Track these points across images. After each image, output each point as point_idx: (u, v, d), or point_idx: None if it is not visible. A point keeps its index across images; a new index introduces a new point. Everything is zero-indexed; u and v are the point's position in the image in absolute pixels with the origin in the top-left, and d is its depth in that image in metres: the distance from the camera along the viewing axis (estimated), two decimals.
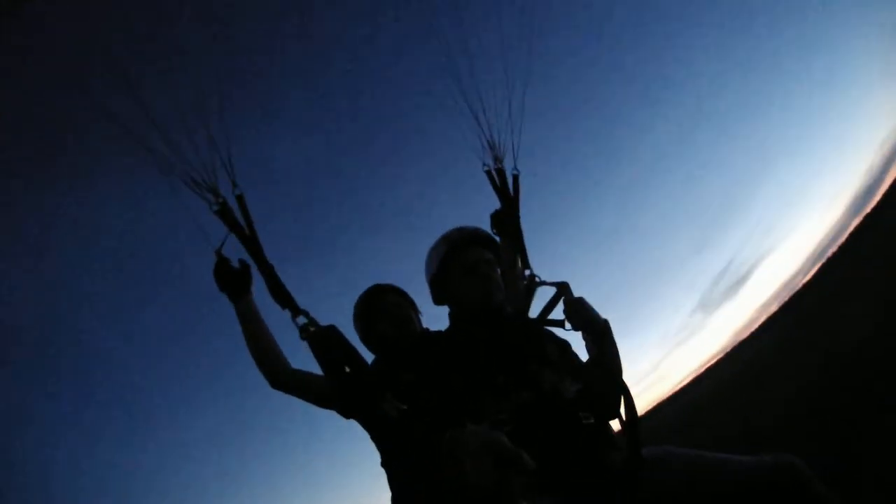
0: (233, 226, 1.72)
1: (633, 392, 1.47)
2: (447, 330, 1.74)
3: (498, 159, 2.16)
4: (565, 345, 1.69)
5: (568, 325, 1.67)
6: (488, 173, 2.17)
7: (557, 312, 1.73)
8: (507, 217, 2.10)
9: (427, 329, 2.11)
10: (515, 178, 2.16)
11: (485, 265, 1.65)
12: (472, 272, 1.64)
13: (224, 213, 1.71)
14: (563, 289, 1.74)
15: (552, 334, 1.71)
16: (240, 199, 1.74)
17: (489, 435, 0.99)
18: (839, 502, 1.17)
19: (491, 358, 1.48)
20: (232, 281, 1.74)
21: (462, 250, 1.68)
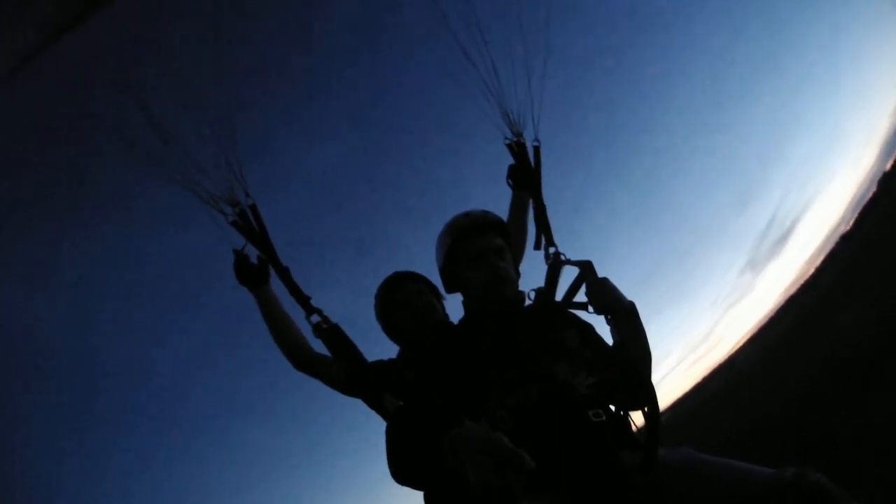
0: (248, 234, 1.79)
1: (656, 386, 1.38)
2: (460, 321, 1.72)
3: (517, 132, 2.08)
4: (588, 328, 1.62)
5: (591, 308, 1.59)
6: (509, 146, 2.10)
7: (583, 294, 1.63)
8: (525, 177, 2.05)
9: (446, 319, 2.09)
10: (536, 149, 2.08)
11: (492, 254, 1.60)
12: (479, 262, 1.59)
13: (240, 223, 1.78)
14: (585, 269, 1.65)
15: (574, 317, 1.65)
16: (253, 208, 1.80)
17: (490, 435, 0.99)
18: None
19: (498, 351, 1.44)
20: (250, 274, 1.84)
21: (469, 238, 1.63)
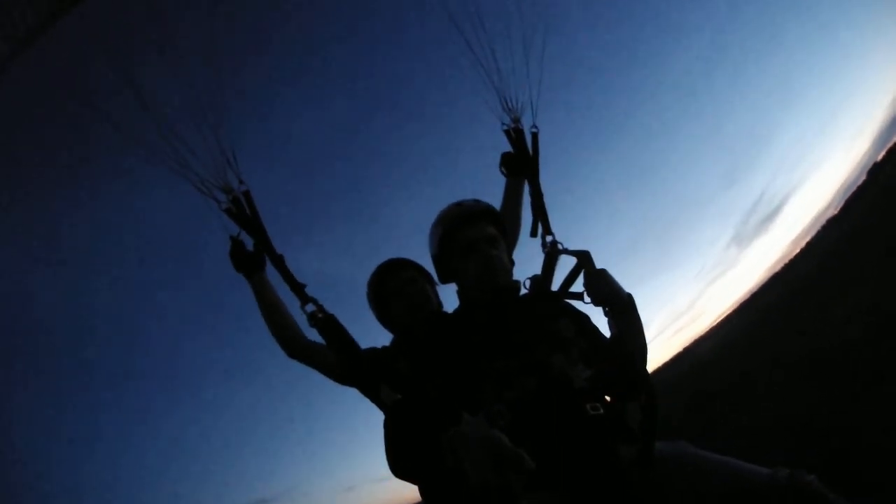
0: (242, 221, 1.76)
1: (650, 367, 1.43)
2: (455, 311, 1.70)
3: (515, 118, 2.04)
4: (584, 319, 1.59)
5: (587, 299, 1.58)
6: (507, 132, 2.06)
7: (580, 285, 1.62)
8: (522, 164, 2.02)
9: (440, 308, 2.07)
10: (534, 135, 2.04)
11: (485, 243, 1.58)
12: (472, 251, 1.58)
13: (233, 210, 1.75)
14: (583, 259, 1.63)
15: (570, 307, 1.63)
16: (247, 194, 1.77)
17: (489, 434, 0.98)
18: None
19: (492, 342, 1.43)
20: (246, 262, 1.81)
21: (461, 228, 1.61)
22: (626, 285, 1.58)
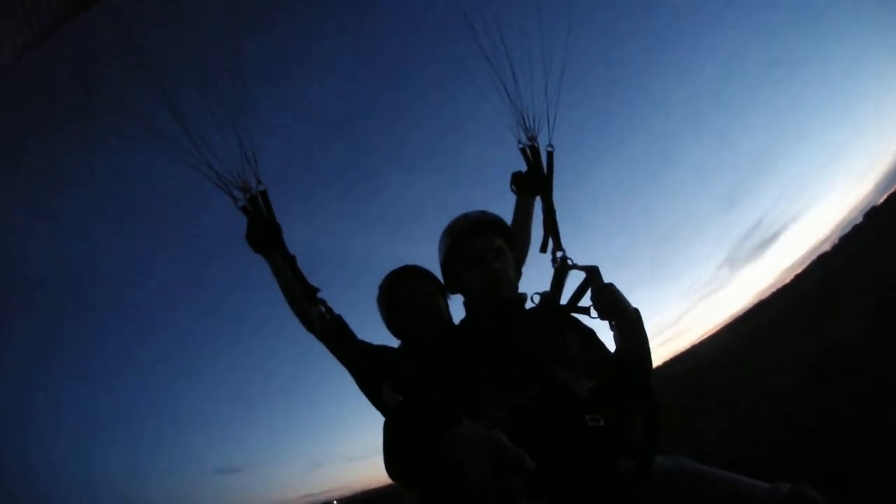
0: (258, 221, 1.78)
1: (654, 376, 1.40)
2: (461, 321, 1.72)
3: (532, 136, 2.08)
4: (590, 334, 1.61)
5: (594, 313, 1.57)
6: (522, 151, 2.10)
7: (588, 300, 1.61)
8: (536, 182, 2.05)
9: (449, 318, 2.08)
10: (550, 154, 2.08)
11: (490, 255, 1.60)
12: (478, 263, 1.60)
13: (250, 209, 1.78)
14: (591, 274, 1.62)
15: (577, 322, 1.65)
16: (263, 194, 1.79)
17: (490, 435, 0.99)
18: None
19: (495, 352, 1.44)
20: (263, 241, 1.81)
21: (468, 240, 1.63)
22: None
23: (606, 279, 1.58)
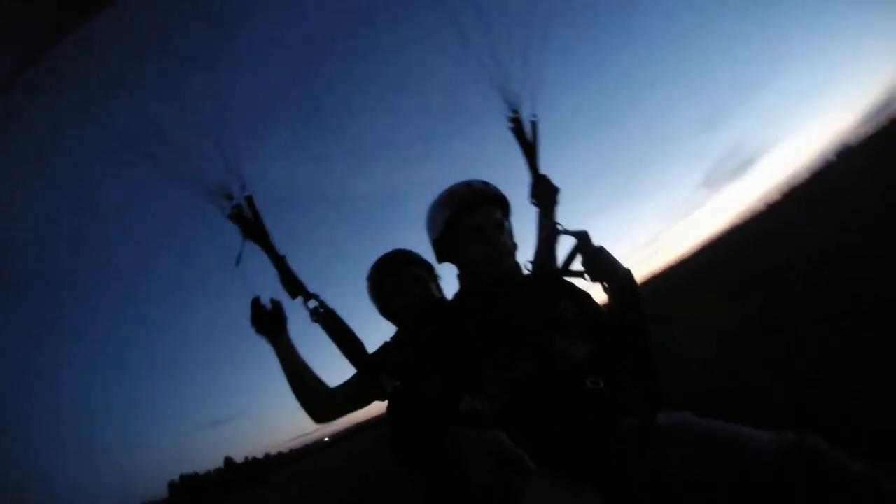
0: (246, 226, 1.78)
1: (650, 338, 1.43)
2: (454, 296, 1.73)
3: (514, 109, 2.18)
4: (584, 297, 1.64)
5: (587, 277, 1.60)
6: (511, 121, 2.21)
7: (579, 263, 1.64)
8: (542, 187, 2.13)
9: (442, 298, 2.10)
10: (534, 124, 2.18)
11: (491, 229, 1.60)
12: (479, 236, 1.59)
13: (237, 216, 1.77)
14: (582, 238, 1.65)
15: (571, 286, 1.67)
16: (249, 199, 1.80)
17: (490, 435, 1.00)
18: (867, 481, 1.02)
19: (492, 326, 1.45)
20: (269, 323, 1.82)
21: (469, 211, 1.61)
22: (593, 211, 1.69)
23: (582, 196, 1.65)
